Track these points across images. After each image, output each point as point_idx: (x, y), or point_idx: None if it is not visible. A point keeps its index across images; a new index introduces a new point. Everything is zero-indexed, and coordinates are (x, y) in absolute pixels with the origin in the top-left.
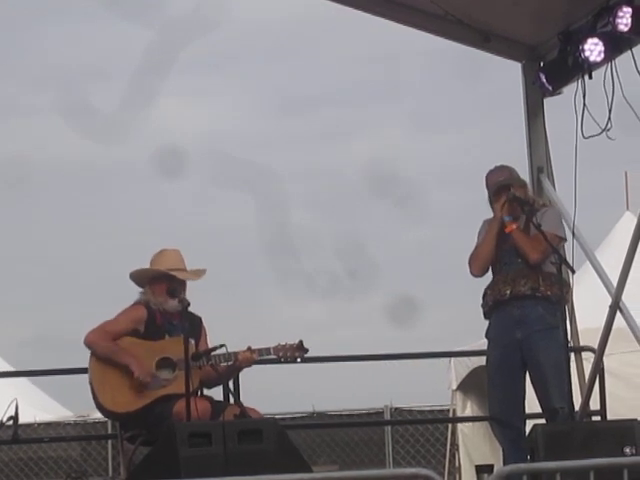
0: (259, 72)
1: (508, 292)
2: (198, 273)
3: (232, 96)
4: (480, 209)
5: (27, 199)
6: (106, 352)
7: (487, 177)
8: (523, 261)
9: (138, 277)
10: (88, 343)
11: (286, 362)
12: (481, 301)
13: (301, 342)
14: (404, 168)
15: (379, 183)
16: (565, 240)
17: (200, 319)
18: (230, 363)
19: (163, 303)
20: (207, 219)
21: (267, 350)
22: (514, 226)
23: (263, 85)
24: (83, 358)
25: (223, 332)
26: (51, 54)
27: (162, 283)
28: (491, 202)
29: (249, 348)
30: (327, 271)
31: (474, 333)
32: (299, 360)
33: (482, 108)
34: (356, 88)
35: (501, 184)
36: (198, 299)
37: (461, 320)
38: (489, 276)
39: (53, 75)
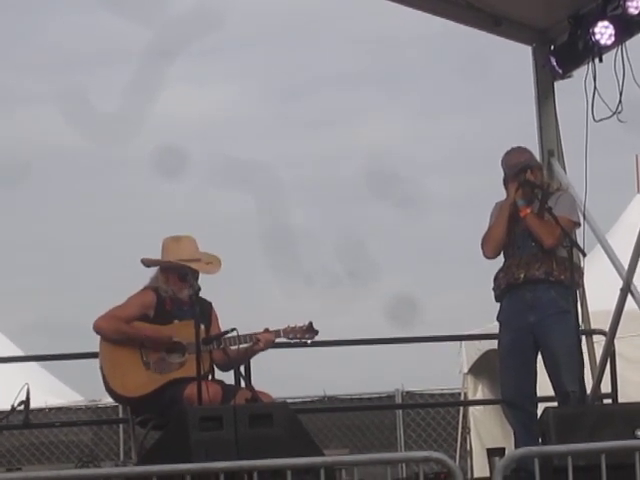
0: (260, 58)
1: (522, 276)
2: (214, 262)
3: (232, 83)
4: (489, 193)
5: (28, 186)
6: (120, 334)
7: (505, 158)
8: (537, 245)
9: (152, 265)
10: (98, 328)
11: (296, 345)
12: (492, 284)
13: (311, 324)
14: (411, 154)
15: (381, 171)
16: (579, 225)
17: (210, 304)
18: (250, 344)
19: (176, 291)
20: (206, 207)
21: (277, 332)
22: (528, 210)
23: (264, 71)
24: (93, 342)
25: (227, 320)
26: (52, 43)
27: (175, 271)
28: (506, 183)
29: (267, 330)
30: (326, 263)
31: (485, 316)
32: (309, 342)
33: (492, 92)
34: (360, 72)
35: (522, 166)
36: (207, 285)
37: (472, 303)
38: (499, 260)
39: (53, 64)
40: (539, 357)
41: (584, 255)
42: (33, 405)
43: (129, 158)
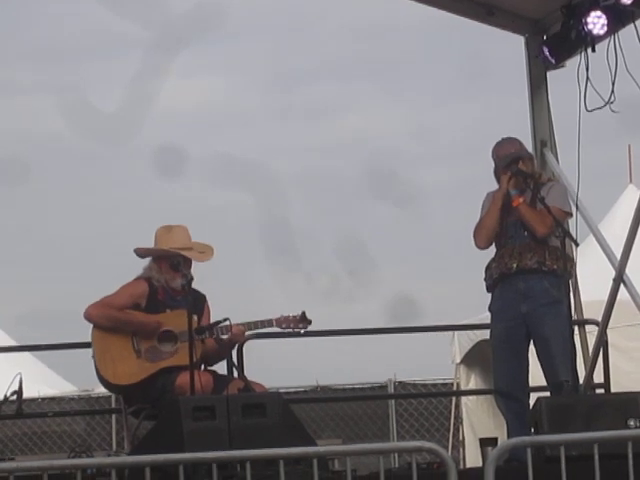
0: (256, 50)
1: (515, 265)
2: (206, 251)
3: (226, 73)
4: (481, 183)
5: (25, 176)
6: (111, 321)
7: (496, 149)
8: (529, 235)
9: (144, 254)
10: (89, 316)
11: (290, 335)
12: (484, 274)
13: (304, 313)
14: (405, 146)
15: (375, 162)
16: (571, 215)
17: (204, 297)
18: (225, 336)
19: (169, 280)
20: (203, 199)
21: (269, 322)
22: (521, 200)
23: (258, 61)
24: (86, 332)
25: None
26: (45, 35)
27: (168, 260)
28: (497, 174)
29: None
30: (318, 253)
31: (477, 306)
32: (302, 332)
33: (488, 81)
34: (353, 62)
35: (513, 156)
36: (206, 278)
37: (464, 294)
38: (492, 250)
39: (49, 54)
40: (531, 347)
41: (577, 245)
42: (26, 395)
43: (124, 151)
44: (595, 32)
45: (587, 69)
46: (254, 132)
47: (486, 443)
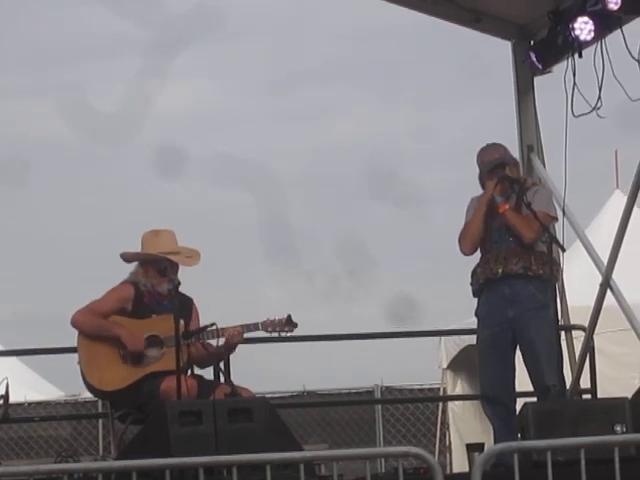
0: (254, 48)
1: (500, 271)
2: (193, 256)
3: (226, 73)
4: (469, 188)
5: (25, 176)
6: (95, 329)
7: (480, 155)
8: (515, 240)
9: (131, 259)
10: (75, 323)
11: (276, 340)
12: (470, 279)
13: (289, 316)
14: (405, 146)
15: (375, 162)
16: (557, 219)
17: (191, 300)
18: (220, 340)
19: (155, 285)
20: (203, 199)
21: (255, 325)
22: (507, 206)
23: (259, 61)
24: (73, 337)
25: (212, 315)
26: (46, 33)
27: (154, 265)
28: (482, 179)
29: (237, 326)
30: (311, 252)
31: (463, 311)
32: (288, 334)
33: (471, 87)
34: (345, 66)
35: (497, 162)
36: (188, 279)
37: (450, 299)
38: (477, 255)
39: (49, 55)
40: (518, 353)
41: (563, 250)
42: (12, 400)
43: (124, 151)
44: (582, 38)
45: (574, 75)
46: (254, 132)
47: (473, 448)
